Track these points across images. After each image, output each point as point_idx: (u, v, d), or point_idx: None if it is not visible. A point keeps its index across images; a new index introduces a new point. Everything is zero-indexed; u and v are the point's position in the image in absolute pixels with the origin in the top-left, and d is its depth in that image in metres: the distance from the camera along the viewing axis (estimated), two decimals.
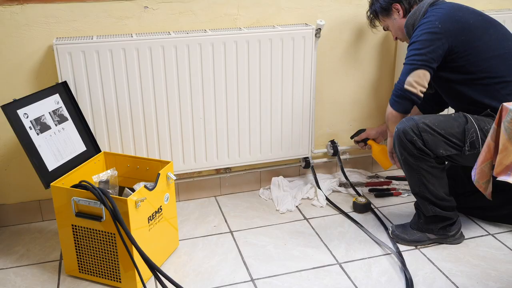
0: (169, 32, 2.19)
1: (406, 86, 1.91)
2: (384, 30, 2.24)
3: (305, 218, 2.31)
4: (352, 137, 2.48)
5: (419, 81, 1.90)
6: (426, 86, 1.92)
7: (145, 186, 1.81)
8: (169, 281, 1.70)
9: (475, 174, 1.53)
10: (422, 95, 1.93)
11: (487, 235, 2.14)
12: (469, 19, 1.93)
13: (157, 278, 1.70)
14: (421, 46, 1.90)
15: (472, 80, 1.93)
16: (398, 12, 2.09)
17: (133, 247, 1.70)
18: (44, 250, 2.10)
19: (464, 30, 1.91)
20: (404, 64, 1.95)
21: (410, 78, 1.90)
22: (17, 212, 2.28)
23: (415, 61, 1.91)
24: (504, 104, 1.40)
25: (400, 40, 2.20)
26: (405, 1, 2.07)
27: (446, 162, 1.98)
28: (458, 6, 1.99)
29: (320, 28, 2.31)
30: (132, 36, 2.11)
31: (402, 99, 1.95)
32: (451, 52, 1.91)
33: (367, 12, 2.27)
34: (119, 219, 1.68)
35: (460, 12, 1.95)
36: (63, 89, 2.01)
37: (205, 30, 2.23)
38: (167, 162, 1.96)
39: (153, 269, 1.70)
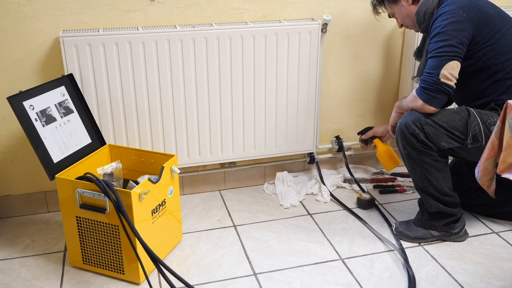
0: (175, 26, 2.19)
1: (442, 80, 1.82)
2: (389, 17, 2.16)
3: (308, 214, 2.31)
4: (359, 134, 2.41)
5: (453, 73, 1.83)
6: (457, 77, 1.85)
7: (149, 179, 1.82)
8: (171, 274, 1.71)
9: (478, 171, 1.53)
10: (455, 87, 1.86)
11: (491, 233, 2.14)
12: (489, 10, 1.89)
13: (160, 270, 1.70)
14: (448, 37, 1.83)
15: (486, 72, 1.90)
16: None
17: (136, 239, 1.71)
18: (48, 241, 2.12)
19: (487, 20, 1.87)
20: (430, 57, 1.86)
21: (445, 71, 1.82)
22: (23, 203, 2.30)
23: (445, 53, 1.83)
24: (509, 101, 1.39)
25: (406, 28, 2.14)
26: None
27: (451, 158, 1.96)
28: None
29: (326, 23, 2.30)
30: (138, 29, 2.11)
31: (439, 94, 1.84)
32: (472, 42, 1.86)
33: None
34: (123, 212, 1.69)
35: (480, 1, 1.91)
36: (69, 82, 2.02)
37: (211, 24, 2.22)
38: (172, 156, 1.96)
39: (156, 261, 1.71)
